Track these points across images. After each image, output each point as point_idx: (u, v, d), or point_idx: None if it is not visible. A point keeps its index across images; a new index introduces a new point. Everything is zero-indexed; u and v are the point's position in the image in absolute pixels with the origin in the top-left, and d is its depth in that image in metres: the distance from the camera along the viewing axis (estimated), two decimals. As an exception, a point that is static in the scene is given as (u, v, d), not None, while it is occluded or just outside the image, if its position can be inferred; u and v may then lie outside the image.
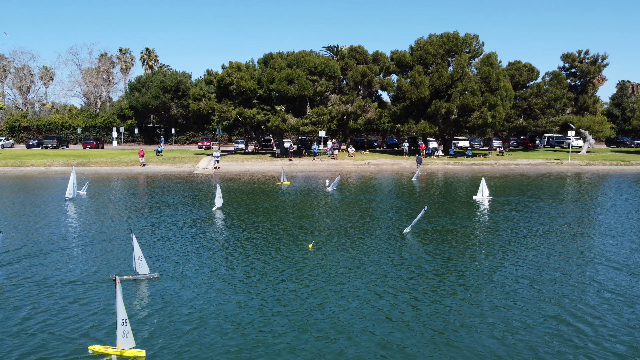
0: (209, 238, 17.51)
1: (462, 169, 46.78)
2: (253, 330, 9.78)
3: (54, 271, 13.39)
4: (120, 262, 14.42)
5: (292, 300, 11.35)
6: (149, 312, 10.67)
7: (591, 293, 11.98)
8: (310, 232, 18.29)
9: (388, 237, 17.58)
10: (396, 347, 9.07)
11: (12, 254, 15.10)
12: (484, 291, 12.03)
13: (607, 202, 26.68)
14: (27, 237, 17.31)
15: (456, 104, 49.79)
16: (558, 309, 10.91)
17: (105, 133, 73.38)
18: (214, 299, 11.48)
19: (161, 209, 23.31)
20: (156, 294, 11.77)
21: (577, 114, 61.05)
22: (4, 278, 12.80)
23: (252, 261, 14.49)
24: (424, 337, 9.48)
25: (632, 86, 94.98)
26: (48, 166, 43.92)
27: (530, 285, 12.43)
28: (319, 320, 10.23)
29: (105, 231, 18.41)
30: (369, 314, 10.56)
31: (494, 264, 14.36)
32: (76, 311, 10.67)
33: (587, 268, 14.05)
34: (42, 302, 11.17)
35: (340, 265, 14.01)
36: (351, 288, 12.17)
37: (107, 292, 11.71)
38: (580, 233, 18.88)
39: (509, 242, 17.04)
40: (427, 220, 19.94)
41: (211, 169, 43.65)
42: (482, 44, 52.96)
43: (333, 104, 53.49)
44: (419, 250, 15.86)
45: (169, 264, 14.20)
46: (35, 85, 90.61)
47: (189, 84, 73.01)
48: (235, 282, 12.63)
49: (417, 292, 11.93)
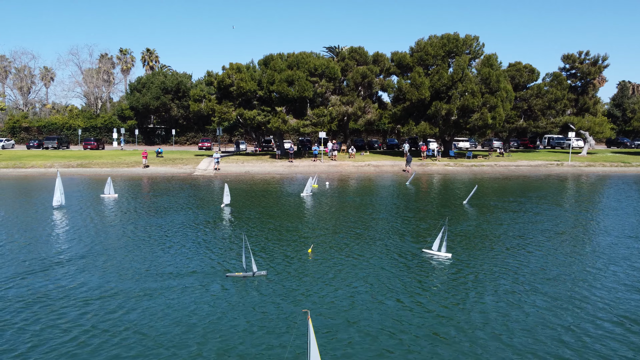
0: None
1: (462, 170, 46.76)
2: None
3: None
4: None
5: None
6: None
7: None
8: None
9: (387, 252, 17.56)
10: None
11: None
12: (475, 296, 12.05)
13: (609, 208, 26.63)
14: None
15: (456, 105, 49.77)
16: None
17: (106, 134, 73.46)
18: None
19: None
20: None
21: (578, 115, 61.02)
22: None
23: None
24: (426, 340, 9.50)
25: (632, 87, 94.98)
26: (48, 167, 43.93)
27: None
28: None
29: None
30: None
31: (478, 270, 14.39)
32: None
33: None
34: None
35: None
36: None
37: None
38: (578, 255, 18.80)
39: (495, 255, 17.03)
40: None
41: (211, 171, 43.67)
42: (482, 45, 52.93)
43: (333, 105, 53.51)
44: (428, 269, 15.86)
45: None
46: (36, 85, 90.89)
47: (189, 84, 73.08)
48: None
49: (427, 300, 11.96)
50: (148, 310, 11.01)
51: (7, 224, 19.98)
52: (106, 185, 27.82)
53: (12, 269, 13.87)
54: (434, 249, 15.61)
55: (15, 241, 17.07)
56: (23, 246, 16.40)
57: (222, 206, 24.63)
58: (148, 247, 16.49)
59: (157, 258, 15.12)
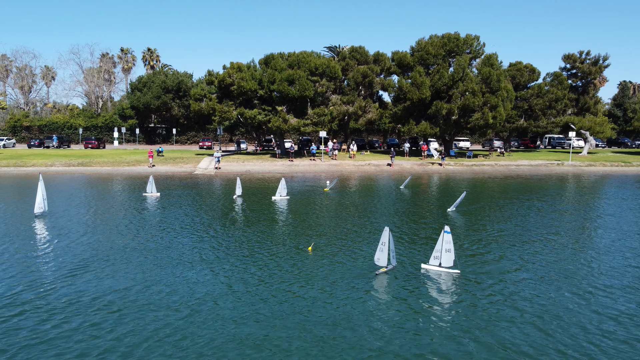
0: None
1: (462, 169, 46.76)
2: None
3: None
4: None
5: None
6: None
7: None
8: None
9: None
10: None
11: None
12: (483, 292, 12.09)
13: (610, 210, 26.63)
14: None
15: (457, 104, 49.79)
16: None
17: (107, 133, 73.58)
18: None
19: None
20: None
21: (578, 115, 61.03)
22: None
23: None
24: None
25: (633, 87, 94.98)
26: (49, 166, 44.03)
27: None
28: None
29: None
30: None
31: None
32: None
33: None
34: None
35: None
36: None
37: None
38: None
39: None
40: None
41: (212, 170, 43.73)
42: (483, 44, 52.97)
43: (334, 104, 53.55)
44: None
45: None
46: (37, 85, 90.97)
47: (190, 84, 73.19)
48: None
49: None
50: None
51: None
52: (148, 184, 28.33)
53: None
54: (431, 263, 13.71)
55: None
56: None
57: (234, 197, 27.02)
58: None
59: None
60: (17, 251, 15.52)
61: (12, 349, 8.96)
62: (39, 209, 20.83)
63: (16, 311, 10.67)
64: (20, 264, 14.07)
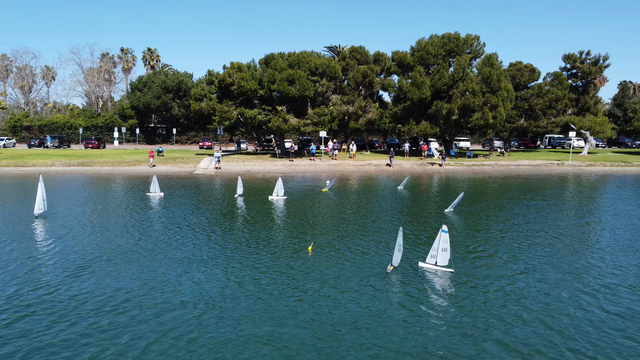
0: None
1: (462, 169, 46.76)
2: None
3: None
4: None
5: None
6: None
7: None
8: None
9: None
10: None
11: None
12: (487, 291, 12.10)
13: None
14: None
15: (457, 104, 49.79)
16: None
17: (107, 133, 73.61)
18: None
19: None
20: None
21: (578, 115, 61.03)
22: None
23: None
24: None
25: (633, 87, 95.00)
26: (49, 166, 44.04)
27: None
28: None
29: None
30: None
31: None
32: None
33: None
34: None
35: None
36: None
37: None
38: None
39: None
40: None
41: (212, 170, 43.74)
42: (483, 44, 52.95)
43: (334, 104, 53.55)
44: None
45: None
46: (37, 84, 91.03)
47: (190, 84, 73.21)
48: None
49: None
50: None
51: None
52: (152, 183, 28.31)
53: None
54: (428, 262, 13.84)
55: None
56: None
57: (236, 196, 27.17)
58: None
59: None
60: (20, 251, 15.51)
61: (21, 351, 8.96)
62: (39, 209, 20.80)
63: (23, 313, 10.64)
64: (24, 265, 14.04)
